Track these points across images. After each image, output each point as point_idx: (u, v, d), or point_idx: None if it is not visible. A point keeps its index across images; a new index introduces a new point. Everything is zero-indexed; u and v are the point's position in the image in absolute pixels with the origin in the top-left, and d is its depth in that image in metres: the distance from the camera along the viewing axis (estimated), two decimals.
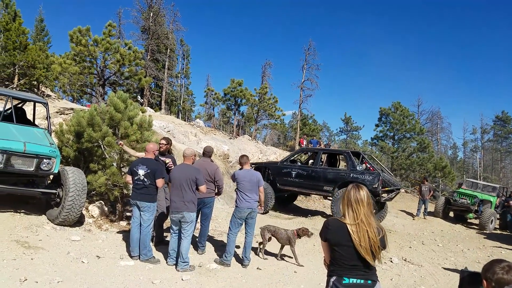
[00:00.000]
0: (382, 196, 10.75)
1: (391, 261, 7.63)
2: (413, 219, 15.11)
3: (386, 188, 10.79)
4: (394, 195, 11.67)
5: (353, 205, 2.64)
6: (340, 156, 13.55)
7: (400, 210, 17.01)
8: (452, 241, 11.04)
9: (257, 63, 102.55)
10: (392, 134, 29.27)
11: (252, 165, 13.81)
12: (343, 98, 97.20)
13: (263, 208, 6.51)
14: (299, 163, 13.19)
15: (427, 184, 15.97)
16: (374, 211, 11.75)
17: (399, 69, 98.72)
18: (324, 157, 13.06)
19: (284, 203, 13.34)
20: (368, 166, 11.21)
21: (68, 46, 13.79)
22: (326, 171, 11.68)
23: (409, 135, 28.83)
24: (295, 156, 13.60)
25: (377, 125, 30.11)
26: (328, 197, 12.18)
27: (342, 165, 14.62)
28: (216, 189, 6.72)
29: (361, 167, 11.15)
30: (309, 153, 14.52)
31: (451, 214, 16.65)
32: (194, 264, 5.90)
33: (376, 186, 10.40)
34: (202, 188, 5.72)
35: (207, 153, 6.88)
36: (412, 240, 10.10)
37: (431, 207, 16.89)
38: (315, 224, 10.24)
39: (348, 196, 2.69)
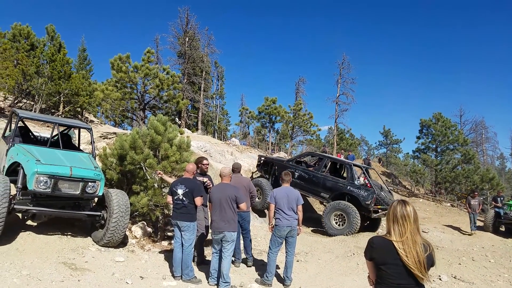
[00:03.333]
0: (373, 212, 10.99)
1: (440, 279, 7.24)
2: (470, 235, 14.24)
3: (379, 206, 11.08)
4: (383, 214, 11.68)
5: (399, 221, 2.53)
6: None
7: (447, 225, 16.23)
8: (505, 256, 10.35)
9: (291, 80, 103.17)
10: (434, 146, 28.14)
11: (261, 157, 14.11)
12: (381, 111, 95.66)
13: (301, 228, 6.39)
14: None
15: (477, 197, 15.10)
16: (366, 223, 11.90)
17: (438, 79, 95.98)
18: (329, 164, 12.96)
19: None
20: (367, 182, 11.35)
21: (109, 73, 14.46)
22: (326, 178, 11.83)
23: (452, 147, 27.61)
24: (301, 158, 13.57)
25: (418, 138, 29.11)
26: (323, 203, 12.46)
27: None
28: (251, 199, 7.17)
29: (359, 182, 11.30)
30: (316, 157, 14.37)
31: (502, 228, 15.69)
32: (235, 284, 5.85)
33: (369, 203, 10.76)
34: (243, 205, 5.76)
35: (237, 169, 7.45)
36: (461, 256, 9.56)
37: (479, 221, 15.99)
38: (358, 242, 9.94)
39: (394, 212, 2.57)
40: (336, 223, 10.88)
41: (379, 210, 11.19)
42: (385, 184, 13.04)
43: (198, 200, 5.84)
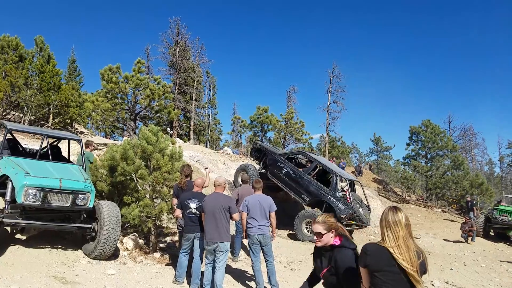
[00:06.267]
0: (345, 226, 11.06)
1: (432, 285, 7.28)
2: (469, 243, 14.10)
3: (351, 222, 11.26)
4: (355, 228, 12.04)
5: (392, 226, 2.54)
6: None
7: (442, 238, 16.31)
8: (495, 260, 10.45)
9: (282, 89, 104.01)
10: (424, 152, 28.44)
11: (257, 142, 14.33)
12: (371, 118, 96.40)
13: (275, 235, 6.40)
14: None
15: (469, 222, 14.90)
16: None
17: (427, 86, 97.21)
18: (319, 168, 12.71)
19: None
20: (347, 196, 11.33)
21: (99, 84, 14.37)
22: (310, 182, 11.75)
23: (442, 153, 27.93)
24: (293, 155, 13.59)
25: (408, 144, 29.43)
26: (302, 204, 12.54)
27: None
28: None
29: (340, 194, 11.28)
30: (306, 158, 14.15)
31: (492, 232, 15.80)
32: None
33: (344, 216, 10.78)
34: (235, 216, 5.74)
35: (245, 180, 8.53)
36: (453, 262, 9.63)
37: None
38: None
39: (386, 218, 2.58)
40: (307, 230, 11.02)
41: (353, 225, 11.42)
42: (367, 199, 13.01)
43: None
